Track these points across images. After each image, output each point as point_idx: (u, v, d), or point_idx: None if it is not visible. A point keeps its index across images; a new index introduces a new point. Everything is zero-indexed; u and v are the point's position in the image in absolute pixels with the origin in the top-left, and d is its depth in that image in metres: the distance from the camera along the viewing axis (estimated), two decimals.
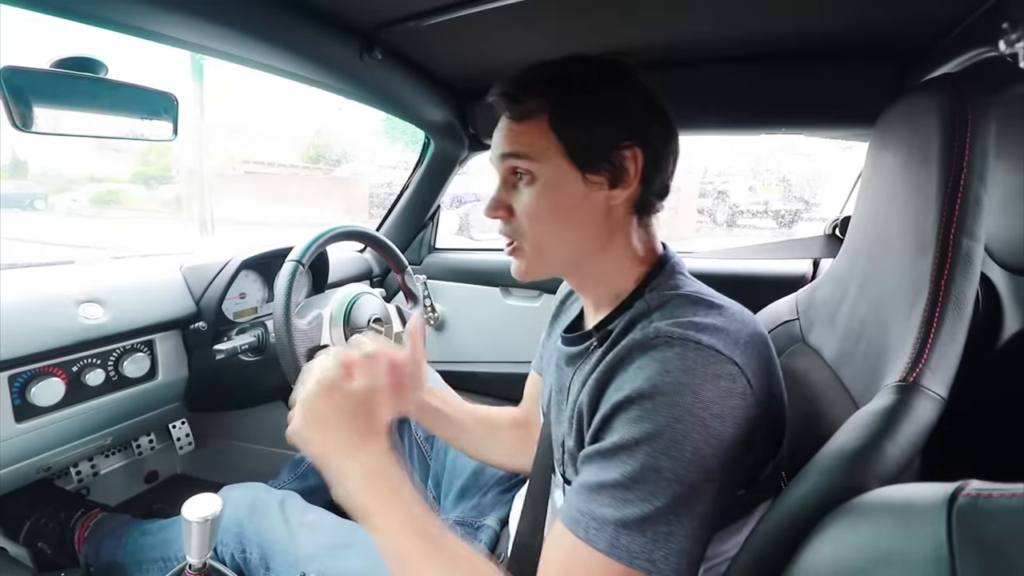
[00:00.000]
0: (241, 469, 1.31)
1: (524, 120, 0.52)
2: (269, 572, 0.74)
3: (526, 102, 0.52)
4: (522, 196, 0.54)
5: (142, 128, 0.77)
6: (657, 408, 0.42)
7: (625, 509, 0.41)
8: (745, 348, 0.45)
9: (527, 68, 0.54)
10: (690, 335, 0.44)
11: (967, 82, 0.47)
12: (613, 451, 0.43)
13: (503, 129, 0.54)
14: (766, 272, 1.25)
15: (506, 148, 0.54)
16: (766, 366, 0.47)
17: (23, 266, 0.98)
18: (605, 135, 0.51)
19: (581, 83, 0.52)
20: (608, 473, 0.43)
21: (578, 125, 0.51)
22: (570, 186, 0.52)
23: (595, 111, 0.51)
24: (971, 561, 0.25)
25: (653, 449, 0.41)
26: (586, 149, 0.51)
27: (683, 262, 0.56)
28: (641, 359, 0.44)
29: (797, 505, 0.39)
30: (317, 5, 0.77)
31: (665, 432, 0.41)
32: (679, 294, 0.50)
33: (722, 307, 0.49)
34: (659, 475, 0.41)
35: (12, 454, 0.80)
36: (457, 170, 1.43)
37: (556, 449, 0.59)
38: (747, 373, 0.44)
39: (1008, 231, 0.71)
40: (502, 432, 0.80)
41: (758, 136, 1.21)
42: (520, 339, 1.44)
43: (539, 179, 0.52)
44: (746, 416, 0.43)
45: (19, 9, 0.59)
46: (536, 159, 0.52)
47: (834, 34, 0.83)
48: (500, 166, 0.55)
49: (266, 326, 1.07)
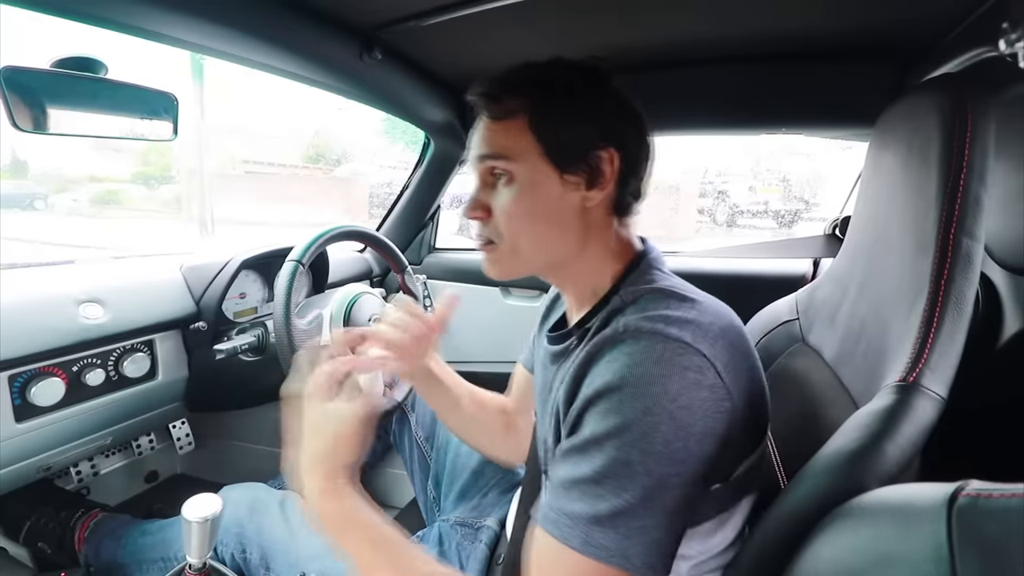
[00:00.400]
0: (241, 469, 1.30)
1: (503, 120, 0.53)
2: (269, 572, 0.74)
3: (506, 102, 0.53)
4: (500, 196, 0.54)
5: (142, 128, 0.77)
6: (625, 400, 0.42)
7: (597, 504, 0.41)
8: (715, 340, 0.45)
9: (508, 70, 0.55)
10: (659, 328, 0.44)
11: (967, 82, 0.47)
12: (584, 446, 0.44)
13: (481, 129, 0.55)
14: (766, 272, 1.25)
15: (484, 149, 0.54)
16: (740, 358, 0.47)
17: (23, 266, 0.98)
18: (583, 136, 0.52)
19: (561, 85, 0.53)
20: (580, 469, 0.43)
21: (557, 126, 0.52)
22: (547, 186, 0.53)
23: (574, 113, 0.52)
24: (971, 561, 0.25)
25: (622, 442, 0.41)
26: (564, 149, 0.52)
27: (661, 258, 0.57)
28: (611, 353, 0.45)
29: (797, 505, 0.39)
30: (317, 5, 0.77)
31: (634, 425, 0.41)
32: (652, 288, 0.51)
33: (695, 300, 0.49)
34: (629, 468, 0.41)
35: (12, 454, 0.80)
36: (457, 170, 1.43)
37: (540, 447, 0.60)
38: (716, 365, 0.44)
39: (1008, 231, 0.71)
40: (490, 416, 0.80)
41: (758, 136, 1.21)
42: (520, 339, 1.42)
43: (517, 179, 0.53)
44: (716, 408, 0.43)
45: (19, 9, 0.59)
46: (514, 159, 0.53)
47: (834, 34, 0.83)
48: (479, 167, 0.56)
49: (266, 326, 1.07)
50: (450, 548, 0.78)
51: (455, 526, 0.81)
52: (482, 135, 0.55)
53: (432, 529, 0.85)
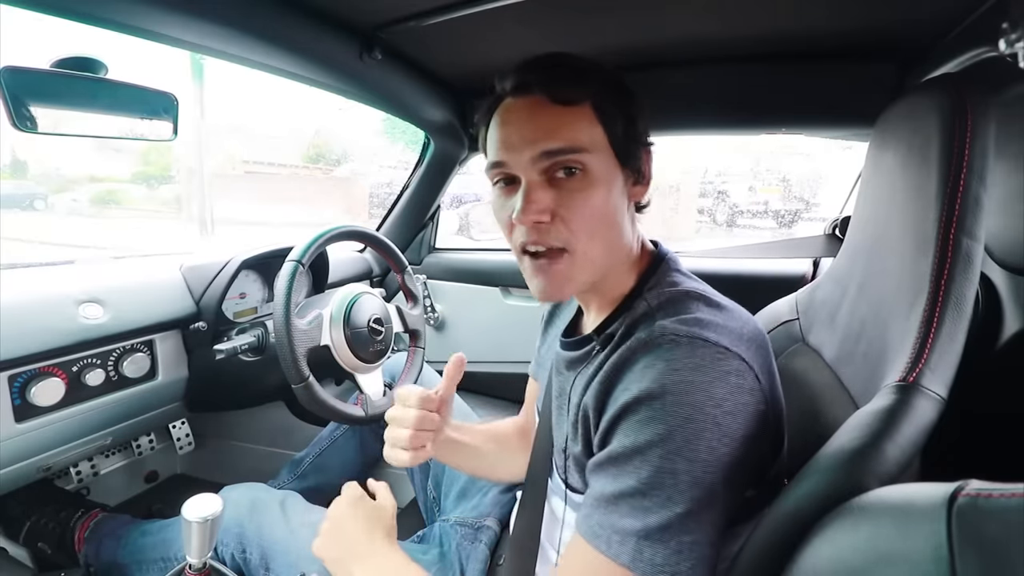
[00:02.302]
0: (241, 469, 1.31)
1: (570, 106, 0.47)
2: (269, 572, 0.74)
3: (570, 87, 0.47)
4: (572, 194, 0.47)
5: (142, 128, 0.77)
6: (667, 408, 0.41)
7: (646, 518, 0.40)
8: (749, 344, 0.45)
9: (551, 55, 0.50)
10: (696, 332, 0.43)
11: (967, 82, 0.47)
12: (626, 456, 0.42)
13: (540, 117, 0.47)
14: (766, 272, 1.25)
15: (554, 143, 0.46)
16: (768, 363, 0.47)
17: (23, 266, 0.98)
18: (637, 133, 0.50)
19: (615, 76, 0.50)
20: (624, 481, 0.42)
21: (618, 115, 0.48)
22: (618, 184, 0.49)
23: (629, 107, 0.50)
24: (971, 561, 0.25)
25: (667, 451, 0.40)
26: (628, 145, 0.49)
27: (677, 258, 0.56)
28: (647, 358, 0.44)
29: (797, 505, 0.39)
30: (317, 5, 0.77)
31: (677, 432, 0.40)
32: (678, 291, 0.50)
33: (722, 304, 0.48)
34: (676, 478, 0.40)
35: (12, 454, 0.80)
36: (457, 170, 1.43)
37: (558, 455, 0.58)
38: (754, 368, 0.43)
39: (1008, 231, 0.71)
40: (511, 446, 0.79)
41: (758, 136, 1.21)
42: (520, 339, 1.44)
43: (591, 174, 0.47)
44: (756, 411, 0.43)
45: (19, 9, 0.59)
46: (589, 150, 0.46)
47: (834, 34, 0.83)
48: (543, 162, 0.47)
49: (266, 326, 1.07)
50: (450, 548, 0.78)
51: (455, 526, 0.81)
52: (544, 124, 0.46)
53: (432, 529, 0.85)
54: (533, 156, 0.47)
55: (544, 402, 0.66)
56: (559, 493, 0.58)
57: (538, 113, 0.47)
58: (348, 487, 0.66)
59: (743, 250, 1.33)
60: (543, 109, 0.47)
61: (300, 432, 1.34)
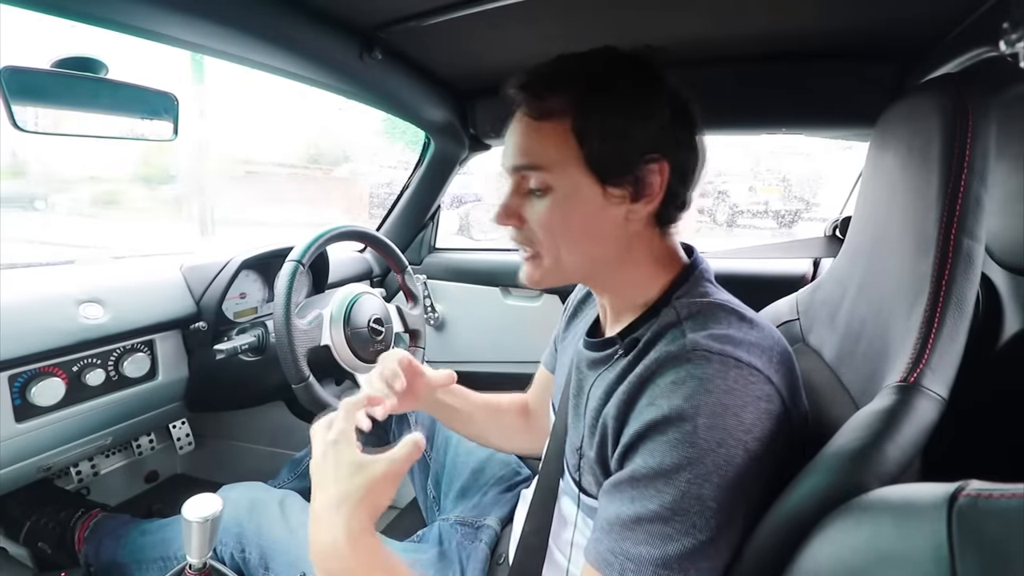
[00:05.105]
0: (241, 469, 1.30)
1: (544, 121, 0.48)
2: (269, 572, 0.74)
3: (549, 100, 0.48)
4: (535, 206, 0.50)
5: (142, 128, 0.77)
6: (699, 431, 0.39)
7: (666, 546, 0.39)
8: (779, 366, 0.44)
9: (552, 61, 0.50)
10: (728, 351, 0.42)
11: (967, 82, 0.47)
12: (649, 478, 0.41)
13: (518, 130, 0.50)
14: (766, 272, 1.25)
15: (519, 159, 0.50)
16: (795, 382, 0.46)
17: (23, 266, 0.98)
18: (632, 147, 0.47)
19: (611, 84, 0.47)
20: (643, 504, 0.40)
21: (604, 134, 0.47)
22: (588, 199, 0.48)
23: (623, 119, 0.47)
24: (971, 561, 0.25)
25: (695, 475, 0.39)
26: (609, 160, 0.47)
27: (711, 269, 0.54)
28: (676, 373, 0.42)
29: (797, 505, 0.39)
30: (317, 5, 0.77)
31: (708, 457, 0.39)
32: (710, 302, 0.48)
33: (753, 321, 0.47)
34: (702, 504, 0.39)
35: (12, 454, 0.80)
36: (457, 170, 1.43)
37: (571, 455, 0.57)
38: (783, 393, 0.43)
39: (1008, 231, 0.71)
40: (505, 417, 0.82)
41: (758, 136, 1.21)
42: (520, 339, 1.44)
43: (554, 191, 0.49)
44: (780, 434, 0.42)
45: (19, 9, 0.59)
46: (552, 170, 0.48)
47: (834, 34, 0.83)
48: (512, 175, 0.52)
49: (266, 326, 1.07)
50: (450, 547, 0.77)
51: (455, 525, 0.81)
52: (518, 139, 0.50)
53: (432, 528, 0.85)
54: (508, 168, 0.52)
55: (561, 401, 0.64)
56: (570, 494, 0.57)
57: (518, 127, 0.50)
58: (344, 404, 0.53)
59: (743, 251, 1.33)
60: (522, 123, 0.50)
61: (300, 432, 1.34)
